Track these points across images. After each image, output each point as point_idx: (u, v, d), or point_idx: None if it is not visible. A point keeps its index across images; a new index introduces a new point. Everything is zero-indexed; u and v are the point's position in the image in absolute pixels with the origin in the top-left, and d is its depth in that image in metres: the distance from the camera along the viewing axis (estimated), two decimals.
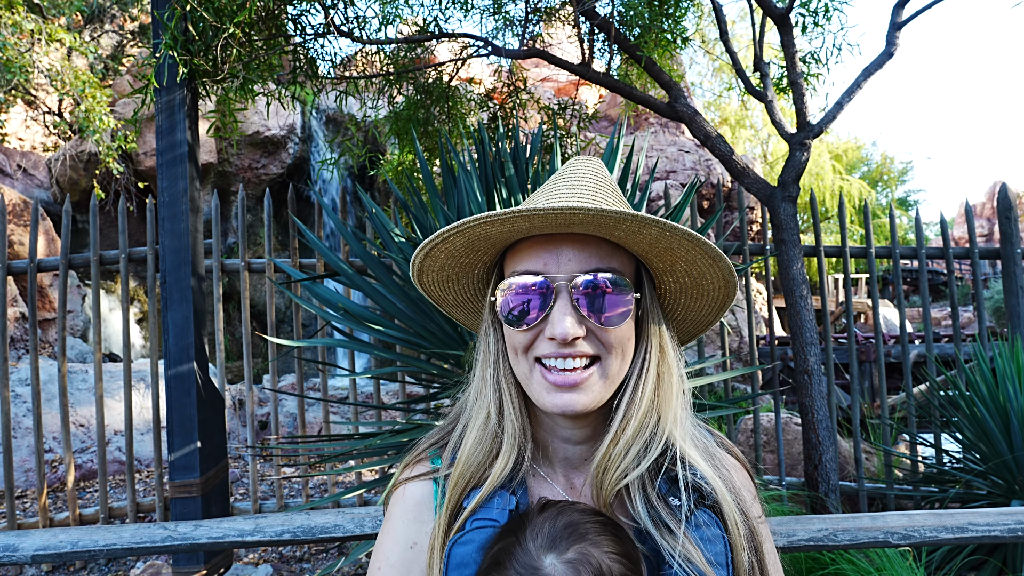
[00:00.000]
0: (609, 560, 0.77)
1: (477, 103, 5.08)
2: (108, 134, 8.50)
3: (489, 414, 0.93)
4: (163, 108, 3.28)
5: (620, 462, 0.87)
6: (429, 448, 1.02)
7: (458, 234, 0.88)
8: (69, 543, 1.41)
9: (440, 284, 1.02)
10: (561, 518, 0.81)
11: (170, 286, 3.24)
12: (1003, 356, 3.68)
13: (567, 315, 0.85)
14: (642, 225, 0.83)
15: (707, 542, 0.82)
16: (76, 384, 6.42)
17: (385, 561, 0.92)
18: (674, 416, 0.92)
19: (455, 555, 0.83)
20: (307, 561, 4.00)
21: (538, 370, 0.88)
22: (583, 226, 0.85)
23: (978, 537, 1.40)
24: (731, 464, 0.99)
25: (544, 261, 0.88)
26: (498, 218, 0.83)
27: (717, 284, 0.95)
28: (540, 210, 0.80)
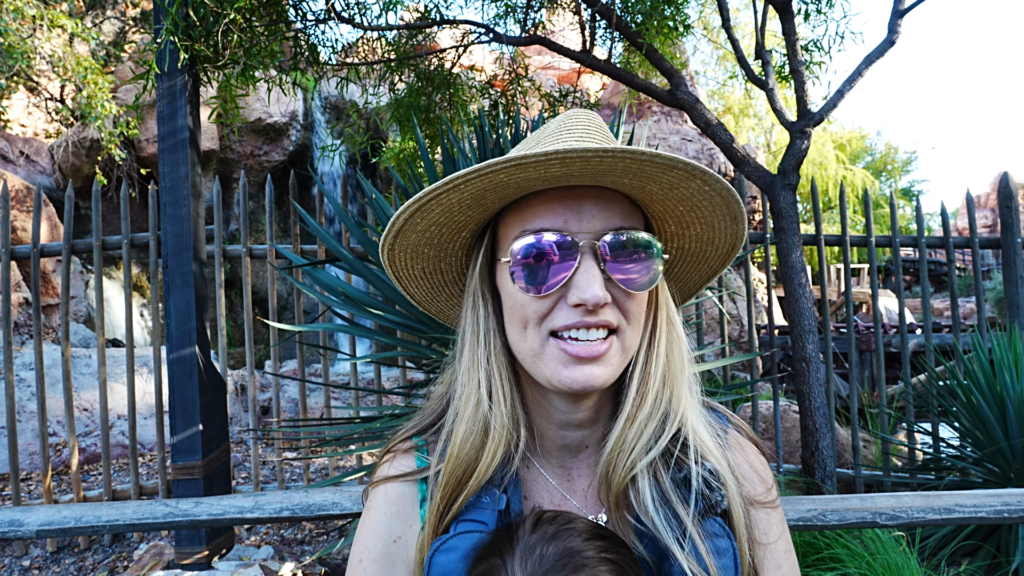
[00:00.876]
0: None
1: (478, 90, 5.08)
2: (110, 120, 8.50)
3: (480, 399, 0.83)
4: (164, 94, 3.29)
5: (635, 444, 0.79)
6: (414, 434, 0.94)
7: (472, 180, 0.75)
8: (73, 518, 1.44)
9: (414, 249, 0.88)
10: (556, 543, 0.72)
11: (172, 271, 3.26)
12: (1001, 345, 3.70)
13: (595, 277, 0.75)
14: (688, 177, 0.75)
15: (716, 554, 0.75)
16: (80, 369, 6.46)
17: (367, 554, 0.85)
18: (686, 390, 0.85)
19: (436, 564, 0.76)
20: (308, 544, 4.05)
21: (553, 343, 0.78)
22: (620, 174, 0.74)
23: (965, 518, 1.42)
24: (740, 445, 0.92)
25: (564, 218, 0.78)
26: (531, 162, 0.70)
27: (722, 250, 0.89)
28: (587, 151, 0.68)
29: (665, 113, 13.90)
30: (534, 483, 0.88)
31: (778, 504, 0.89)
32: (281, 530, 4.24)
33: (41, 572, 3.91)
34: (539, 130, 0.89)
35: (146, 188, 10.44)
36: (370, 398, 5.18)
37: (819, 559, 3.04)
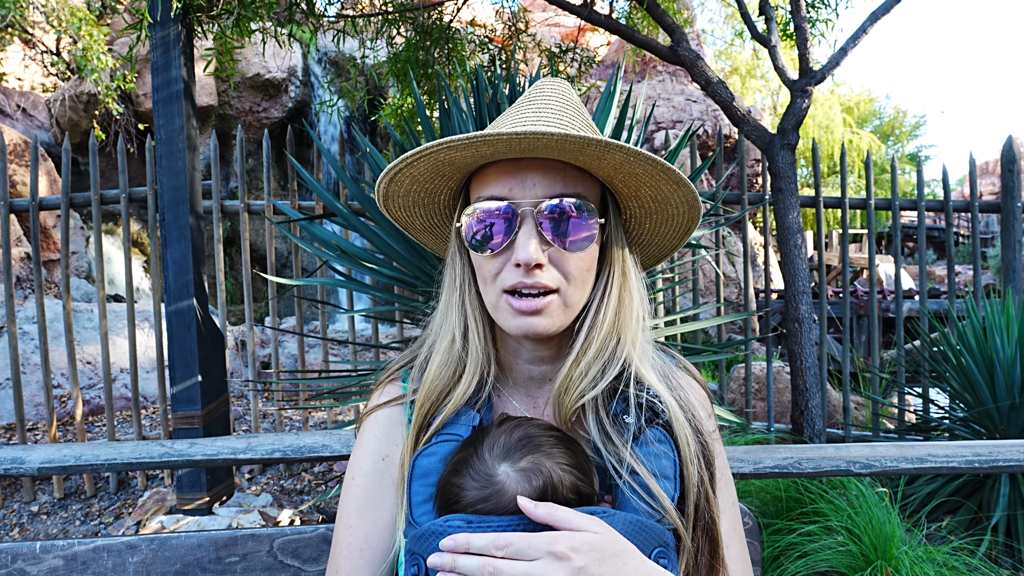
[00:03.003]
0: (560, 470, 0.80)
1: (478, 45, 5.00)
2: (107, 74, 8.39)
3: (454, 338, 0.95)
4: (158, 44, 3.25)
5: (580, 383, 0.90)
6: (400, 368, 1.06)
7: (421, 159, 0.88)
8: (72, 457, 1.49)
9: (406, 209, 1.02)
10: (517, 431, 0.84)
11: (169, 224, 3.27)
12: (994, 309, 3.72)
13: (531, 239, 0.86)
14: (607, 150, 0.83)
15: (656, 457, 0.85)
16: (82, 323, 6.53)
17: (359, 471, 0.97)
18: (632, 339, 0.94)
19: (419, 466, 0.87)
20: (307, 493, 4.16)
21: (504, 298, 0.89)
22: (548, 150, 0.85)
23: (937, 467, 1.47)
24: (687, 383, 1.02)
25: (509, 186, 0.89)
26: (461, 143, 0.83)
27: (681, 209, 0.96)
28: (504, 135, 0.80)
29: (671, 73, 13.67)
30: (504, 407, 1.00)
31: (718, 435, 1.00)
32: (281, 480, 4.34)
33: (49, 517, 4.03)
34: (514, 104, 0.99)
35: (144, 143, 10.36)
36: (368, 354, 5.24)
37: (803, 513, 3.12)
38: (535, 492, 0.77)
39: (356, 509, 0.95)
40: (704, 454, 0.90)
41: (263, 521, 2.93)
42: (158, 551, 1.22)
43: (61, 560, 1.21)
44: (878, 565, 2.58)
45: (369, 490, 0.95)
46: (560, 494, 0.78)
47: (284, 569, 1.22)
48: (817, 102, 19.52)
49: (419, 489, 0.85)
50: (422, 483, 0.86)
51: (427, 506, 0.84)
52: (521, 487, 0.78)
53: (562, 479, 0.79)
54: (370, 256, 2.96)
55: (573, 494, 0.80)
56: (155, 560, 1.22)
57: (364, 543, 0.92)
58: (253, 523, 2.90)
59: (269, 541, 1.22)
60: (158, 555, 1.22)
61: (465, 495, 0.79)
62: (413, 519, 0.83)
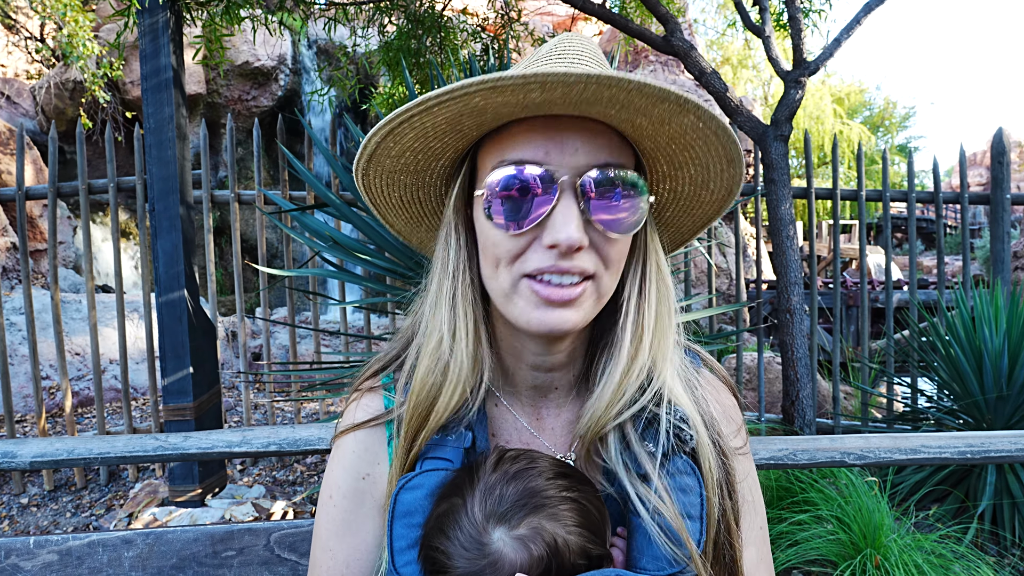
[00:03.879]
0: (566, 533, 0.69)
1: (470, 34, 4.96)
2: (93, 61, 8.26)
3: (442, 338, 0.79)
4: (146, 31, 3.20)
5: (619, 401, 0.77)
6: (381, 372, 0.92)
7: (446, 103, 0.69)
8: (65, 451, 1.48)
9: (389, 175, 0.83)
10: (516, 483, 0.71)
11: (159, 214, 3.24)
12: (982, 300, 3.76)
13: (573, 216, 0.71)
14: (681, 111, 0.69)
15: (682, 492, 0.74)
16: (70, 314, 6.47)
17: (336, 490, 0.86)
18: (671, 346, 0.81)
19: (401, 502, 0.75)
20: (299, 484, 4.16)
21: (525, 283, 0.74)
22: (607, 104, 0.68)
23: (930, 458, 1.48)
24: (714, 389, 0.90)
25: (545, 149, 0.72)
26: (508, 84, 0.65)
27: (719, 195, 0.84)
28: (569, 76, 0.63)
29: (662, 63, 13.66)
30: (503, 421, 0.88)
31: (747, 449, 0.88)
32: (274, 471, 4.34)
33: (39, 509, 4.00)
34: (532, 53, 0.83)
35: (132, 132, 10.23)
36: (360, 345, 5.23)
37: (794, 502, 3.15)
38: (536, 564, 0.67)
39: (335, 532, 0.85)
40: (727, 480, 0.79)
41: (256, 513, 2.92)
42: (154, 545, 1.22)
43: (55, 555, 1.20)
44: (867, 553, 2.62)
45: (348, 511, 0.85)
46: (566, 561, 0.68)
47: (281, 563, 1.21)
48: (808, 93, 19.57)
49: (401, 532, 0.74)
50: (405, 524, 0.74)
51: (411, 554, 0.73)
52: (520, 558, 0.67)
53: (568, 544, 0.68)
54: (362, 247, 2.94)
55: (582, 559, 0.69)
56: (151, 554, 1.21)
57: (345, 568, 0.84)
58: (246, 515, 2.89)
59: (266, 535, 1.22)
60: (154, 549, 1.22)
61: (454, 566, 0.69)
62: (395, 569, 0.73)
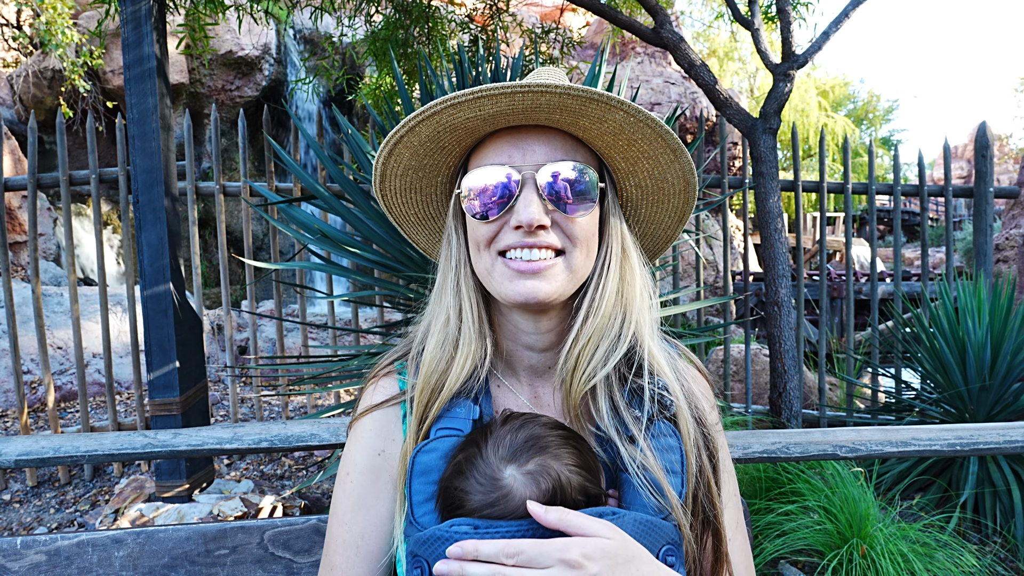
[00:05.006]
0: (568, 472, 0.78)
1: (458, 25, 4.92)
2: (72, 49, 8.11)
3: (448, 317, 0.93)
4: (128, 19, 3.13)
5: (588, 361, 0.88)
6: (396, 360, 1.03)
7: (422, 122, 0.86)
8: (51, 449, 1.45)
9: (402, 194, 1.00)
10: (523, 431, 0.81)
11: (143, 206, 3.18)
12: (966, 291, 3.80)
13: (532, 202, 0.85)
14: (608, 108, 0.83)
15: (664, 451, 0.84)
16: (51, 307, 6.37)
17: (354, 467, 0.94)
18: (639, 317, 0.93)
19: (419, 463, 0.84)
20: (288, 479, 4.13)
21: (500, 261, 0.89)
22: (550, 110, 0.84)
23: (920, 451, 1.50)
24: (691, 375, 1.01)
25: (509, 154, 0.88)
26: (465, 98, 0.81)
27: (678, 187, 0.96)
28: (507, 87, 0.79)
29: (649, 55, 13.65)
30: (504, 398, 0.98)
31: (720, 426, 0.99)
32: (261, 466, 4.31)
33: (22, 506, 3.95)
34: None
35: (113, 122, 10.06)
36: (348, 338, 5.20)
37: (781, 493, 3.18)
38: (543, 495, 0.76)
39: (351, 506, 0.92)
40: (706, 445, 0.89)
41: (245, 508, 2.90)
42: (145, 544, 1.20)
43: (43, 556, 1.18)
44: (853, 543, 2.65)
45: (364, 486, 0.93)
46: (568, 496, 0.77)
47: (275, 561, 1.20)
48: (794, 86, 19.64)
49: (420, 488, 0.83)
50: (423, 481, 0.83)
51: (429, 505, 0.82)
52: (529, 490, 0.76)
53: (570, 480, 0.78)
54: (350, 239, 2.91)
55: (581, 495, 0.78)
56: (142, 554, 1.19)
57: (360, 539, 0.90)
58: (235, 510, 2.87)
59: (260, 533, 1.21)
60: (145, 548, 1.20)
61: (470, 499, 0.77)
62: (415, 519, 0.81)
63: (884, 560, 2.54)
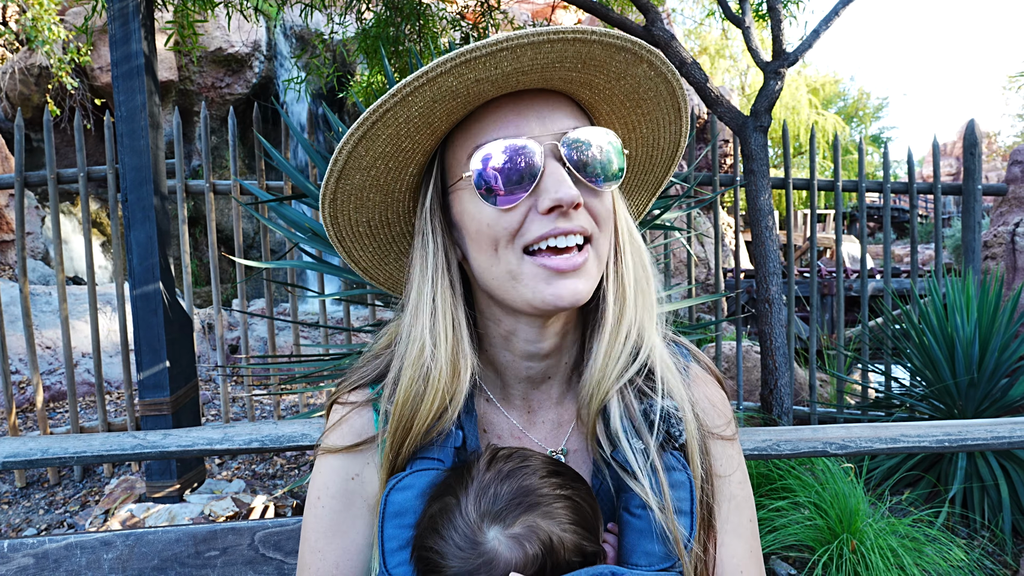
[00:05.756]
0: (561, 532, 0.69)
1: (449, 22, 4.91)
2: (59, 46, 8.02)
3: (424, 345, 0.78)
4: (116, 16, 3.11)
5: (615, 367, 0.77)
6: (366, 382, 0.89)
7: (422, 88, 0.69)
8: (39, 450, 1.44)
9: (359, 194, 0.82)
10: (510, 481, 0.71)
11: (132, 205, 3.16)
12: (955, 288, 3.83)
13: (565, 177, 0.72)
14: (636, 60, 0.73)
15: (673, 487, 0.74)
16: (40, 307, 6.32)
17: (325, 491, 0.84)
18: (653, 311, 0.83)
19: (392, 503, 0.74)
20: (279, 478, 4.12)
21: (529, 261, 0.73)
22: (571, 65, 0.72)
23: (910, 447, 1.51)
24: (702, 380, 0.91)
25: (516, 124, 0.74)
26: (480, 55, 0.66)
27: (668, 152, 0.88)
28: (536, 35, 0.65)
29: None
30: (493, 417, 0.88)
31: (736, 438, 0.88)
32: (253, 465, 4.29)
33: (11, 507, 3.92)
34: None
35: (101, 120, 9.97)
36: (339, 336, 5.18)
37: (772, 489, 3.20)
38: (532, 562, 0.67)
39: (324, 533, 0.84)
40: (707, 471, 0.80)
41: (236, 508, 2.89)
42: (134, 547, 1.19)
43: (31, 558, 1.17)
44: (844, 538, 2.67)
45: (337, 512, 0.84)
46: (561, 559, 0.69)
47: (266, 562, 1.19)
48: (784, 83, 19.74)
49: (393, 532, 0.74)
50: (396, 524, 0.74)
51: (403, 555, 0.73)
52: (515, 556, 0.67)
53: (563, 541, 0.69)
54: None
55: (576, 556, 0.70)
56: (131, 556, 1.19)
57: (335, 569, 0.83)
58: (226, 510, 2.86)
59: (250, 534, 1.20)
60: (134, 551, 1.19)
61: (448, 566, 0.68)
62: (387, 570, 0.72)
63: (874, 555, 2.55)
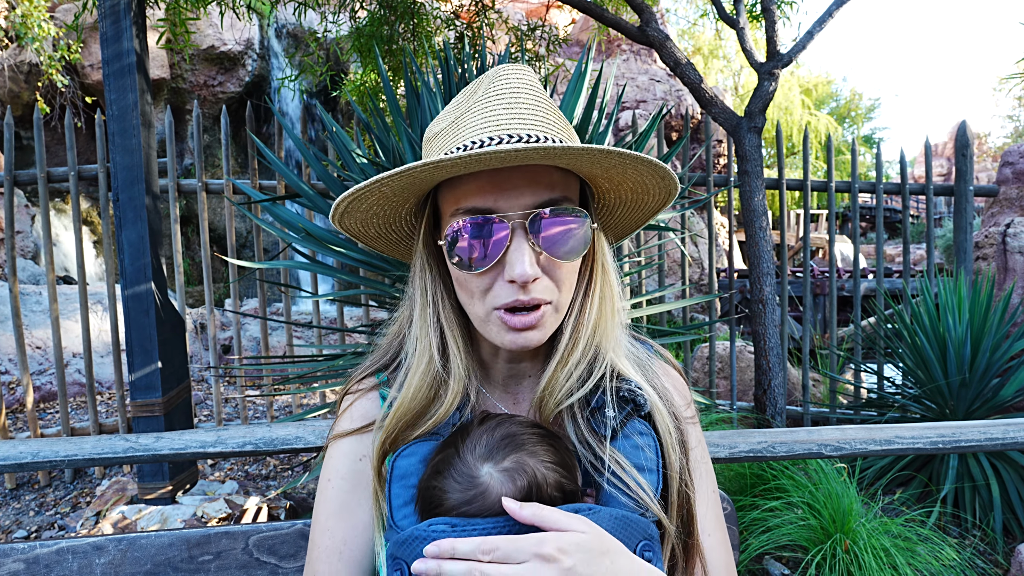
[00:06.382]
0: (544, 468, 0.78)
1: (443, 21, 4.89)
2: (49, 43, 7.96)
3: (432, 357, 0.90)
4: (107, 13, 3.08)
5: (565, 384, 0.88)
6: (376, 371, 1.01)
7: (395, 178, 0.80)
8: (29, 454, 1.42)
9: (362, 221, 0.94)
10: (499, 430, 0.82)
11: (123, 204, 3.14)
12: (946, 289, 3.86)
13: (524, 253, 0.81)
14: (605, 156, 0.80)
15: (639, 449, 0.84)
16: (30, 306, 6.27)
17: (335, 473, 0.94)
18: (613, 335, 0.93)
19: (398, 467, 0.84)
20: (273, 479, 4.10)
21: (495, 315, 0.85)
22: (542, 159, 0.80)
23: (904, 449, 1.51)
24: (663, 370, 1.01)
25: (494, 197, 0.82)
26: (448, 163, 0.76)
27: (659, 198, 0.95)
28: (495, 152, 0.74)
29: (634, 52, 13.67)
30: (485, 406, 0.97)
31: (696, 419, 1.00)
32: (246, 466, 4.27)
33: (0, 509, 3.88)
34: (467, 92, 0.91)
35: (92, 118, 9.90)
36: (333, 337, 5.16)
37: (766, 489, 3.21)
38: (520, 492, 0.76)
39: (333, 512, 0.92)
40: (682, 441, 0.90)
41: (229, 509, 2.87)
42: (127, 551, 1.18)
43: (22, 564, 1.15)
44: (837, 538, 2.68)
45: (346, 492, 0.92)
46: (545, 492, 0.78)
47: (261, 566, 1.18)
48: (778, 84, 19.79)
49: (399, 491, 0.83)
50: (402, 485, 0.83)
51: (408, 509, 0.82)
52: (505, 487, 0.76)
53: (546, 477, 0.78)
54: (335, 237, 2.89)
55: (558, 492, 0.79)
56: (123, 561, 1.17)
57: (343, 546, 0.90)
58: (219, 511, 2.84)
59: (244, 538, 1.19)
60: (127, 555, 1.18)
61: (448, 498, 0.78)
62: (394, 522, 0.81)
63: (867, 555, 2.57)
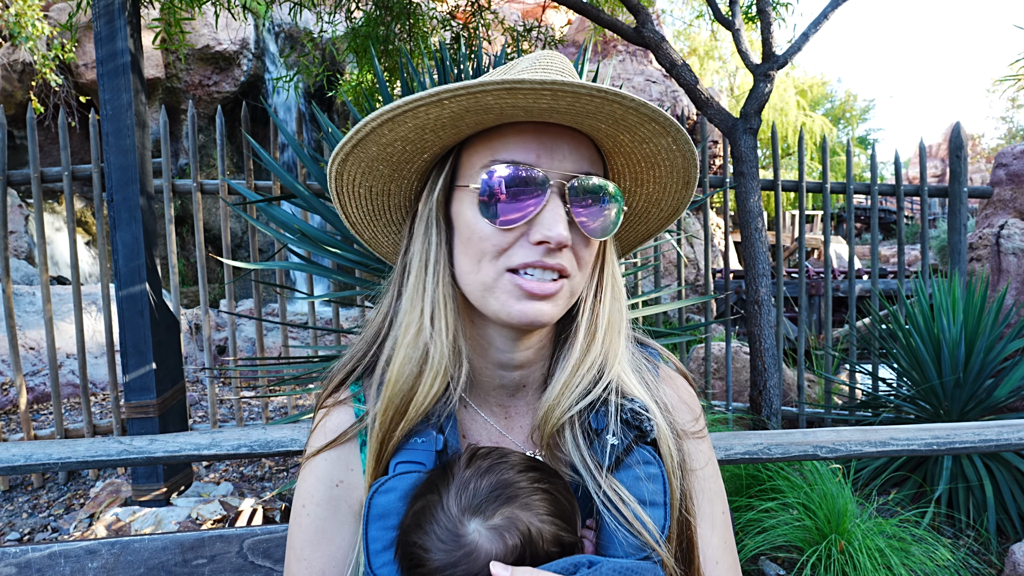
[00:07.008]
0: (539, 523, 0.71)
1: (439, 22, 4.89)
2: (43, 42, 7.92)
3: (422, 326, 0.80)
4: (101, 13, 3.07)
5: (574, 392, 0.81)
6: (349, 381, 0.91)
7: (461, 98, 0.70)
8: (22, 456, 1.41)
9: (370, 163, 0.83)
10: (489, 476, 0.74)
11: (118, 205, 3.12)
12: (941, 290, 3.87)
13: (561, 218, 0.75)
14: (662, 132, 0.76)
15: (643, 481, 0.77)
16: (23, 307, 6.24)
17: (310, 499, 0.86)
18: (619, 344, 0.87)
19: (376, 505, 0.76)
20: (268, 480, 4.09)
21: (507, 277, 0.76)
22: (603, 118, 0.74)
23: (899, 450, 1.51)
24: (670, 380, 0.95)
25: (536, 153, 0.76)
26: (525, 88, 0.67)
27: (666, 213, 0.92)
28: (581, 88, 0.67)
29: (630, 53, 13.69)
30: (472, 422, 0.90)
31: (705, 434, 0.93)
32: (240, 467, 4.26)
33: None
34: (508, 65, 0.85)
35: (87, 117, 9.85)
36: (328, 338, 5.15)
37: (761, 490, 3.21)
38: (512, 553, 0.69)
39: (309, 541, 0.85)
40: (682, 463, 0.83)
41: (224, 511, 2.86)
42: (120, 555, 1.17)
43: (13, 568, 1.15)
44: (832, 539, 2.69)
45: (322, 519, 0.85)
46: (540, 549, 0.71)
47: (255, 570, 1.18)
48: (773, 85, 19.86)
49: (377, 534, 0.75)
50: (380, 526, 0.75)
51: (387, 555, 0.74)
52: (495, 547, 0.69)
53: (541, 532, 0.71)
54: (330, 238, 2.88)
55: (555, 547, 0.72)
56: (117, 565, 1.17)
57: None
58: (214, 513, 2.83)
59: (239, 541, 1.18)
60: (120, 559, 1.17)
61: (431, 558, 0.70)
62: (371, 570, 0.74)
63: (862, 555, 2.57)
